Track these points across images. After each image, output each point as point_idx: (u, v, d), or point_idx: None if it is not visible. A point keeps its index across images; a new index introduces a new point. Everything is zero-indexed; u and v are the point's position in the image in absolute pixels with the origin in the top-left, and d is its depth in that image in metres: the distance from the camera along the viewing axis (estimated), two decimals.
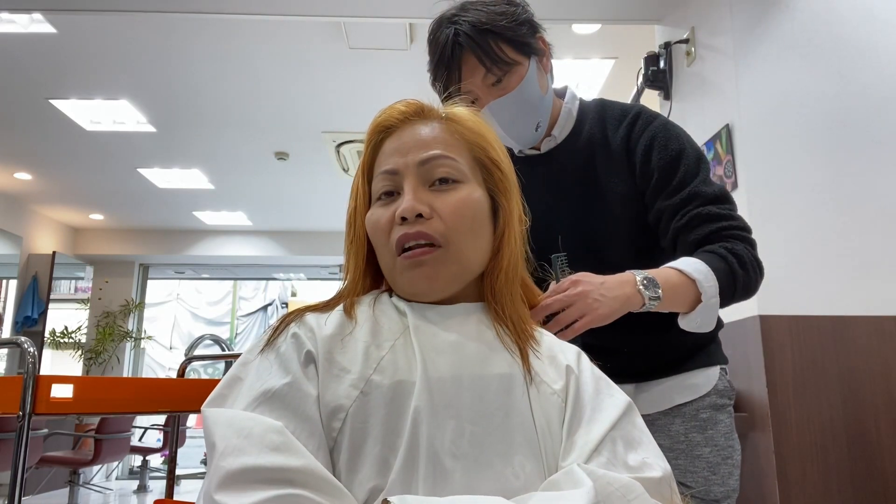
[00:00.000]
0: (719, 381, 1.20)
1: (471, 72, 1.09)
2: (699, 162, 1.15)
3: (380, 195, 0.80)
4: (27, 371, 1.28)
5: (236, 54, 3.51)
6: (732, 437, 1.19)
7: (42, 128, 4.48)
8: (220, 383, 0.71)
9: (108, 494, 6.24)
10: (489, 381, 0.70)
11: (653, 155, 1.14)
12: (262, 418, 0.63)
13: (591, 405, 0.72)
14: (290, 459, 0.59)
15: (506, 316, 0.78)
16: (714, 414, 1.18)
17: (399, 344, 0.72)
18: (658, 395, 1.20)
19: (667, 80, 2.79)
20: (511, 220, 0.82)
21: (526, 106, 1.14)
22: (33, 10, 2.98)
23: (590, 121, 1.22)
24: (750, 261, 1.06)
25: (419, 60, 4.14)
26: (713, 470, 1.15)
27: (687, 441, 1.16)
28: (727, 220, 1.09)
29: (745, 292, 1.08)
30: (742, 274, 1.04)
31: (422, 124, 0.82)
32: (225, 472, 0.58)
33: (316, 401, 0.67)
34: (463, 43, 1.07)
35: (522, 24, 1.11)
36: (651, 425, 1.17)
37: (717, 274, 1.02)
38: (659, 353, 1.20)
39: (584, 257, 1.18)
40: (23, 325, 6.24)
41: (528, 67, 1.12)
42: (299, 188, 5.78)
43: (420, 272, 0.75)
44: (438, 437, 0.65)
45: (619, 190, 1.17)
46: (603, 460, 0.67)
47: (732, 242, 1.07)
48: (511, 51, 1.09)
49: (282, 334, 0.73)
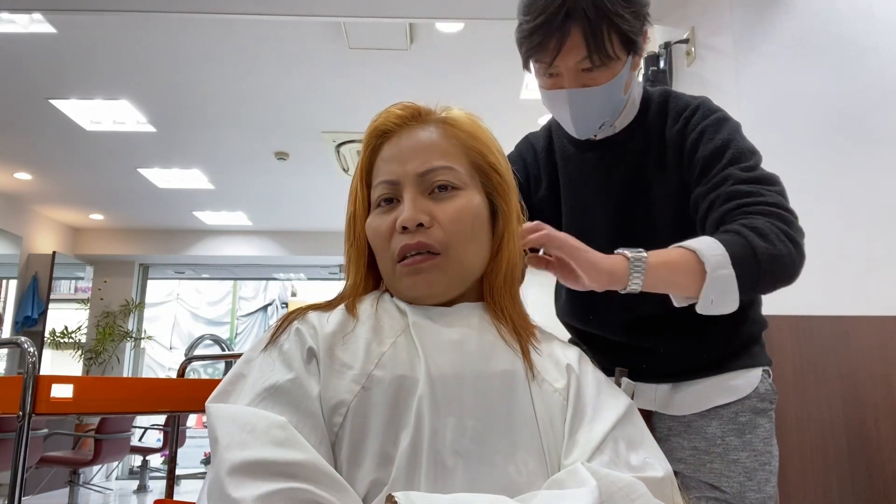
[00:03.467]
0: (761, 383, 1.13)
1: (571, 49, 0.98)
2: (751, 155, 1.05)
3: (379, 202, 0.80)
4: (27, 371, 1.28)
5: (236, 54, 3.51)
6: (771, 442, 1.13)
7: (42, 128, 4.48)
8: (223, 380, 0.72)
9: (108, 494, 6.24)
10: (491, 378, 0.70)
11: (699, 147, 1.07)
12: (265, 413, 0.64)
13: (593, 404, 0.73)
14: (293, 454, 0.59)
15: (506, 316, 0.79)
16: (754, 418, 1.11)
17: (401, 340, 0.73)
18: (695, 395, 1.13)
19: (667, 80, 2.79)
20: (510, 222, 0.82)
21: (605, 104, 1.07)
22: (33, 10, 2.98)
23: (651, 113, 1.14)
24: (774, 233, 0.92)
25: (419, 60, 4.13)
26: (749, 475, 1.09)
27: (724, 444, 1.10)
28: (751, 196, 0.97)
29: (779, 266, 0.92)
30: (764, 246, 0.90)
31: (419, 129, 0.81)
32: (231, 463, 0.59)
33: (318, 397, 0.67)
34: (576, 18, 0.96)
35: (640, 17, 1.02)
36: (687, 427, 1.14)
37: (726, 245, 0.89)
38: (697, 353, 1.13)
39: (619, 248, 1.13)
40: (23, 325, 6.24)
41: (624, 65, 1.03)
42: (299, 188, 5.77)
43: (420, 279, 0.76)
44: (441, 433, 0.65)
45: (666, 185, 1.10)
46: (605, 459, 0.67)
47: (751, 218, 0.94)
48: (619, 44, 1.00)
49: (285, 332, 0.74)
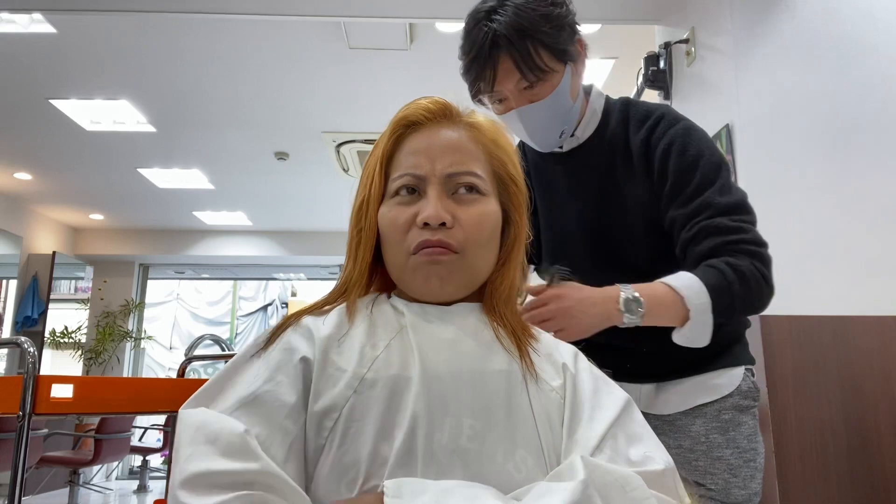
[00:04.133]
0: (743, 381, 1.16)
1: (505, 74, 1.06)
2: (718, 169, 1.09)
3: (398, 192, 0.79)
4: (27, 371, 1.28)
5: (237, 54, 3.51)
6: (756, 439, 1.15)
7: (42, 128, 4.48)
8: (208, 381, 0.72)
9: (108, 494, 6.24)
10: (488, 377, 0.71)
11: (670, 160, 1.10)
12: (230, 423, 0.64)
13: (591, 403, 0.72)
14: (248, 464, 0.60)
15: (508, 322, 0.79)
16: (737, 415, 1.14)
17: (394, 343, 0.73)
18: (679, 394, 1.17)
19: (667, 80, 2.79)
20: (521, 234, 0.83)
21: (555, 114, 1.11)
22: (33, 10, 2.98)
23: (613, 121, 1.18)
24: (754, 277, 1.01)
25: (419, 60, 4.13)
26: (734, 472, 1.11)
27: (708, 442, 1.13)
28: (736, 234, 1.03)
29: (748, 309, 1.04)
30: (742, 291, 0.99)
31: (448, 128, 0.81)
32: (184, 475, 0.60)
33: (295, 408, 0.68)
34: (501, 45, 1.03)
35: (564, 29, 1.06)
36: (671, 425, 1.17)
37: (711, 291, 0.98)
38: (679, 353, 1.15)
39: (600, 257, 1.16)
40: (23, 325, 6.24)
41: (563, 75, 1.09)
42: (299, 188, 5.78)
43: (434, 270, 0.75)
44: (437, 433, 0.65)
45: (637, 193, 1.13)
46: (605, 457, 0.67)
47: (738, 257, 1.01)
48: (549, 58, 1.05)
49: (276, 341, 0.74)
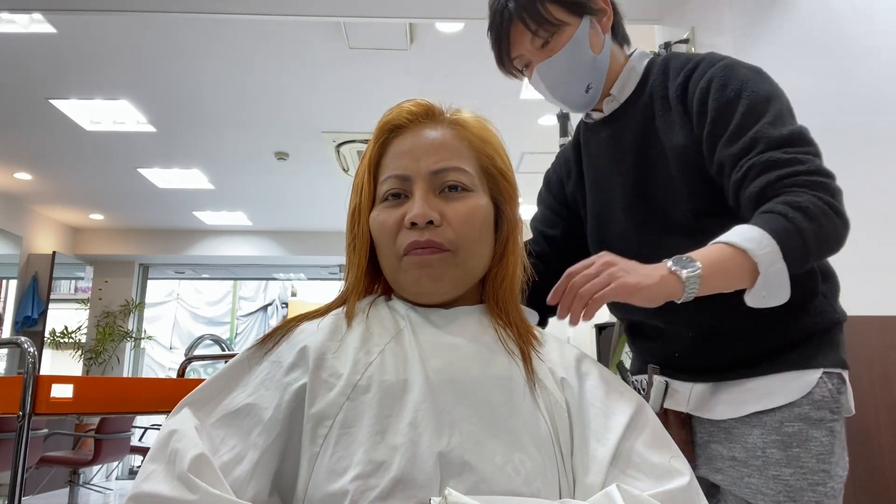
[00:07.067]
0: (817, 388, 0.96)
1: (519, 36, 1.07)
2: (767, 101, 0.96)
3: (386, 196, 0.79)
4: (27, 371, 1.28)
5: (236, 54, 3.51)
6: (829, 460, 0.95)
7: (42, 128, 4.48)
8: (203, 383, 0.73)
9: (108, 494, 6.24)
10: (489, 381, 0.70)
11: (709, 97, 0.99)
12: (191, 442, 0.64)
13: (602, 411, 0.72)
14: (186, 494, 0.60)
15: (510, 321, 0.79)
16: (805, 429, 0.95)
17: (389, 348, 0.73)
18: (737, 397, 1.01)
19: None
20: (514, 228, 0.83)
21: (574, 67, 1.08)
22: (33, 10, 2.98)
23: (654, 75, 1.12)
24: (821, 210, 0.87)
25: (419, 60, 4.12)
26: (793, 496, 0.94)
27: (764, 457, 0.96)
28: (790, 166, 0.90)
29: (823, 248, 0.89)
30: (812, 227, 0.85)
31: (431, 128, 0.81)
32: (138, 491, 0.62)
33: (268, 425, 0.68)
34: (512, 9, 1.06)
35: None
36: (727, 433, 1.01)
37: (774, 236, 0.84)
38: (733, 342, 1.01)
39: (644, 218, 1.10)
40: (23, 325, 6.23)
41: (577, 27, 1.06)
42: (299, 188, 5.77)
43: (426, 272, 0.75)
44: (437, 436, 0.65)
45: (678, 143, 1.04)
46: (617, 473, 0.67)
47: (796, 192, 0.88)
48: (558, 10, 1.05)
49: (272, 347, 0.75)
